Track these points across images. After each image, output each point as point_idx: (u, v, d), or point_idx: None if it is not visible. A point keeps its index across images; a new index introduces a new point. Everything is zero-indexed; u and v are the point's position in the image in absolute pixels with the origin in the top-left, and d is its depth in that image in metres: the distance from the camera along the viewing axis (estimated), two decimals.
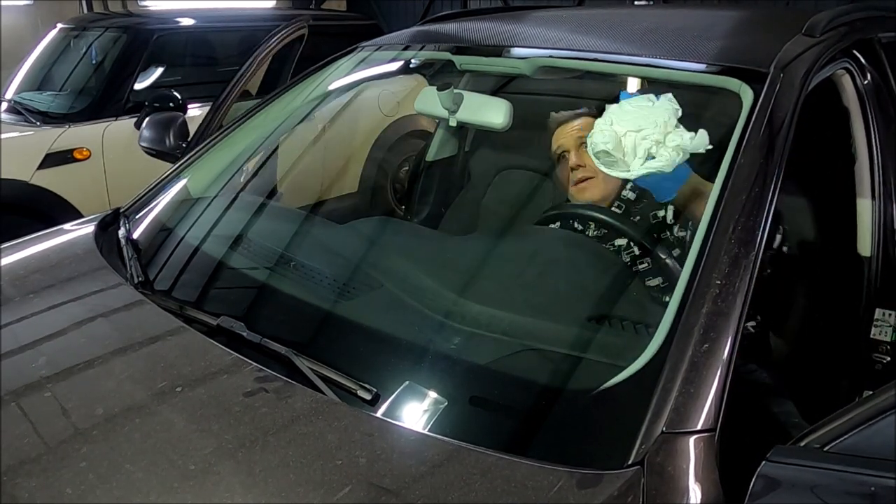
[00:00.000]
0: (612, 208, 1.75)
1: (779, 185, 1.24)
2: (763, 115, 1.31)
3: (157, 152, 2.26)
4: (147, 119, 2.31)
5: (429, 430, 1.07)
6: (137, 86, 3.89)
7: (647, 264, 1.61)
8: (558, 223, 1.74)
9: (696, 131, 1.33)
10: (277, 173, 2.20)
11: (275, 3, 6.50)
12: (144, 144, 2.28)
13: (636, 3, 4.49)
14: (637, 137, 1.27)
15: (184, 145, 2.28)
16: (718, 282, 1.10)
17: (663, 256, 1.56)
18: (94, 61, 4.07)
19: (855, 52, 1.66)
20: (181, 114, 2.37)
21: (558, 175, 1.92)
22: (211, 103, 3.08)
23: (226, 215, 1.76)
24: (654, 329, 1.11)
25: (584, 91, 2.13)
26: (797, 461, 0.95)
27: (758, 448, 0.98)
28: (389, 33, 2.21)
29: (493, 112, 1.74)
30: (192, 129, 2.52)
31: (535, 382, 1.20)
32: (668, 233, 1.67)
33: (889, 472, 0.90)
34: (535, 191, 2.15)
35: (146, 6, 6.02)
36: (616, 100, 1.42)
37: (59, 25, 4.36)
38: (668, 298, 1.15)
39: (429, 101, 1.85)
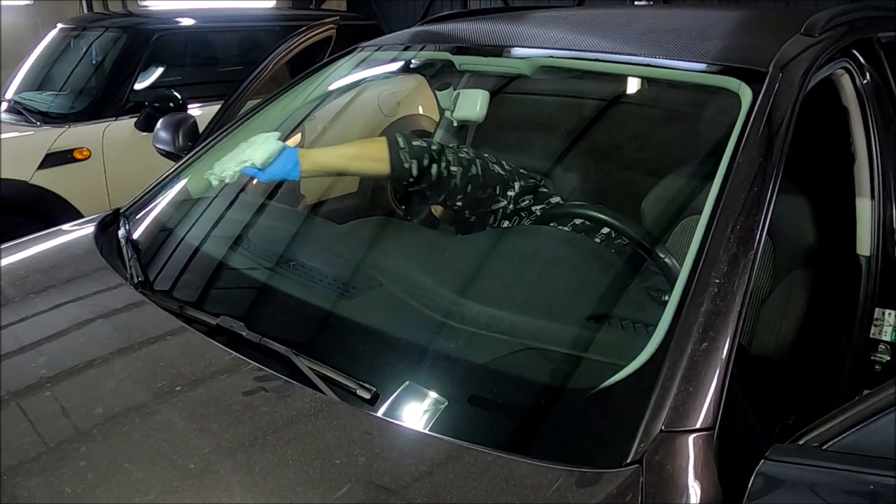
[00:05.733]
0: None
1: (778, 185, 1.24)
2: (762, 115, 1.31)
3: (168, 153, 2.26)
4: (161, 120, 2.30)
5: (428, 430, 1.07)
6: (137, 86, 3.89)
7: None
8: (557, 223, 1.74)
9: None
10: None
11: (275, 2, 6.50)
12: (158, 146, 2.28)
13: (636, 3, 4.49)
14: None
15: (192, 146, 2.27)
16: (717, 281, 1.10)
17: (662, 256, 1.56)
18: (94, 61, 4.06)
19: (854, 51, 1.66)
20: (192, 115, 2.36)
21: None
22: (208, 103, 3.05)
23: (226, 215, 1.76)
24: (653, 328, 1.11)
25: (584, 91, 2.13)
26: (796, 459, 0.95)
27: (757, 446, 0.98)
28: (389, 33, 2.21)
29: (469, 104, 1.73)
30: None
31: (534, 381, 1.20)
32: None
33: (888, 470, 0.90)
34: None
35: (146, 6, 6.03)
36: (615, 99, 1.43)
37: (59, 25, 4.36)
38: (666, 297, 1.15)
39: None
